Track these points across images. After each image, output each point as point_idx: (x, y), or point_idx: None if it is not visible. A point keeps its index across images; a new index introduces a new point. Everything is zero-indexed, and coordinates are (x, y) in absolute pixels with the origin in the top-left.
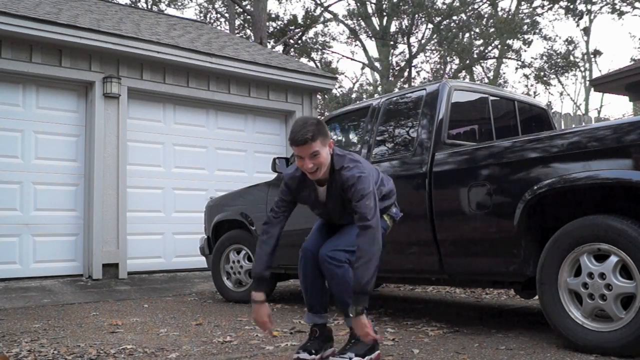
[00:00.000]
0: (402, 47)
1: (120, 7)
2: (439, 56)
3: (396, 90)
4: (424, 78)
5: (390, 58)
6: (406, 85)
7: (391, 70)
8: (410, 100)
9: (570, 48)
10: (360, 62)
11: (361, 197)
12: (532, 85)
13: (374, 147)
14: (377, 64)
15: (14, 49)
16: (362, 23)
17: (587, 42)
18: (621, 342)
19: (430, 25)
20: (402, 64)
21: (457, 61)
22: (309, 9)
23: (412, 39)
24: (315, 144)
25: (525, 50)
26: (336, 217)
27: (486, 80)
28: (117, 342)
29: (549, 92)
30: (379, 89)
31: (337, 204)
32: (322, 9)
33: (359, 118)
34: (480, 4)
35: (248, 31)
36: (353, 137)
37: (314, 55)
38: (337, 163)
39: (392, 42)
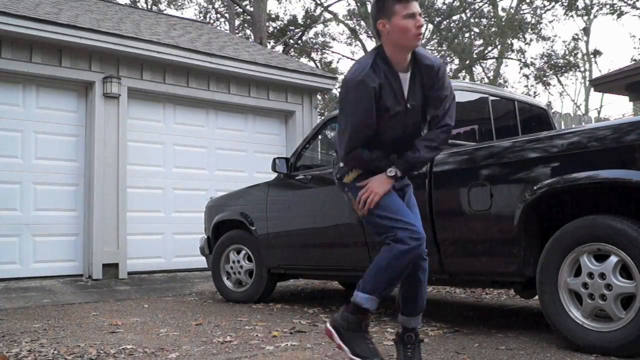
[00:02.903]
0: None
1: (120, 7)
2: (439, 56)
3: None
4: None
5: None
6: None
7: None
8: None
9: (575, 45)
10: None
11: (449, 85)
12: (532, 86)
13: None
14: None
15: (14, 49)
16: (362, 23)
17: (587, 42)
18: (621, 342)
19: (430, 26)
20: None
21: (457, 61)
22: (309, 9)
23: None
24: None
25: (525, 51)
26: (409, 127)
27: (486, 80)
28: (117, 342)
29: (549, 92)
30: None
31: (419, 100)
32: (322, 9)
33: None
34: (481, 4)
35: (248, 31)
36: None
37: (314, 55)
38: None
39: None
